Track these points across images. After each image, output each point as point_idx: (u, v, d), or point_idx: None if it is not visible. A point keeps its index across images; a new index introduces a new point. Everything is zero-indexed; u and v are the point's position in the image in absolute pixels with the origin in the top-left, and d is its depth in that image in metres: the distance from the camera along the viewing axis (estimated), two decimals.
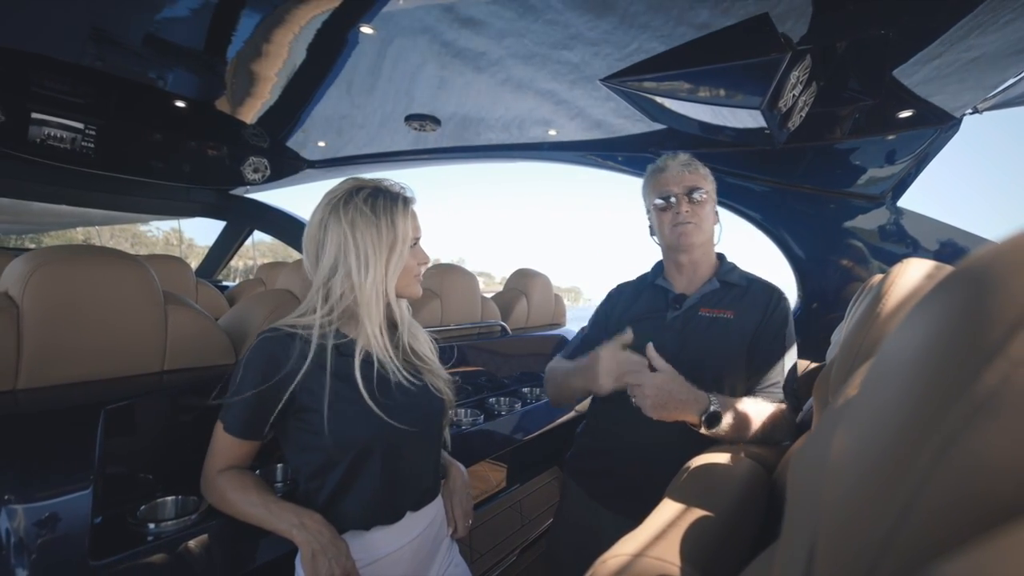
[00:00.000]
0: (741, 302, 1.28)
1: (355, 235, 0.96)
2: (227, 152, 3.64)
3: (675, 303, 1.32)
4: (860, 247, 2.55)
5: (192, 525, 0.99)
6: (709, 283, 1.32)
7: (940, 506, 0.20)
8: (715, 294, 1.31)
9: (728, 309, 1.27)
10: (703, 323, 1.27)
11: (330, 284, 0.98)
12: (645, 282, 1.44)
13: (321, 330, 0.97)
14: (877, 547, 0.22)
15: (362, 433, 0.96)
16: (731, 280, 1.32)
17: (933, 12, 1.53)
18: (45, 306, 1.03)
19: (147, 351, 1.18)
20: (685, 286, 1.35)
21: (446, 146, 3.57)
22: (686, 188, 1.29)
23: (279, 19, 2.05)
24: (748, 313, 1.26)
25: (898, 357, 0.27)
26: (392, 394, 1.00)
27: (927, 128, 2.21)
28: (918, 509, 0.21)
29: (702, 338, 1.25)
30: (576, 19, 1.77)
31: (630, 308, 1.39)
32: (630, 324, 1.25)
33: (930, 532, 0.21)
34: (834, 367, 0.77)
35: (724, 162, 2.77)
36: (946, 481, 0.20)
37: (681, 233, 1.28)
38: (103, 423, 0.98)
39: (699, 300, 1.30)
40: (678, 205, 1.29)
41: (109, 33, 2.32)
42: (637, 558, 0.68)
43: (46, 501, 0.88)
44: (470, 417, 1.85)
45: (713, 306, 1.29)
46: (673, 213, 1.29)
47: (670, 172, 1.31)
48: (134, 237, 23.23)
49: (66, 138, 2.96)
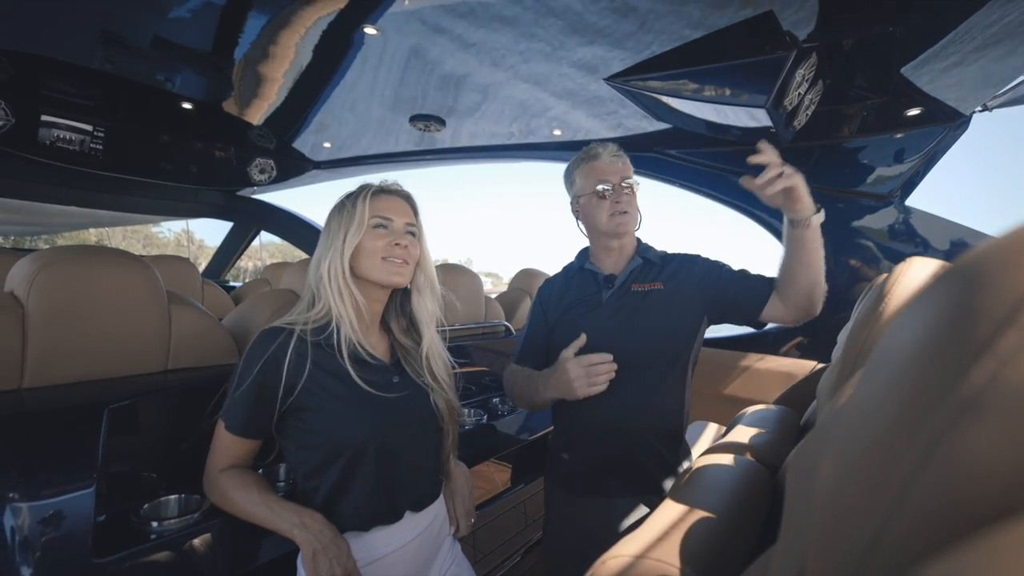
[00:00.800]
0: (664, 273, 1.36)
1: (327, 228, 1.05)
2: (234, 153, 3.66)
3: (607, 283, 1.38)
4: (868, 247, 2.52)
5: (194, 524, 1.00)
6: (633, 260, 1.39)
7: (927, 507, 0.20)
8: (640, 270, 1.38)
9: (656, 281, 1.35)
10: (637, 297, 1.33)
11: (315, 278, 1.03)
12: (572, 270, 1.49)
13: (314, 324, 0.99)
14: (864, 548, 0.22)
15: (356, 432, 0.96)
16: (650, 257, 1.40)
17: (942, 9, 1.52)
18: (50, 306, 1.04)
19: (150, 351, 1.19)
20: (612, 267, 1.41)
21: (451, 146, 3.57)
22: (622, 178, 1.34)
23: (285, 21, 2.07)
24: (675, 281, 1.34)
25: (889, 357, 0.26)
26: (391, 393, 1.01)
27: (936, 126, 2.18)
28: (905, 510, 0.21)
29: (640, 311, 1.31)
30: (582, 19, 1.77)
31: (563, 297, 1.43)
32: (566, 311, 1.35)
33: (917, 533, 0.20)
34: (836, 368, 0.76)
35: (728, 161, 2.76)
36: (932, 482, 0.20)
37: (620, 223, 1.33)
38: (107, 422, 0.99)
39: (628, 277, 1.37)
40: (617, 194, 1.34)
41: (117, 36, 2.35)
42: (637, 559, 0.67)
43: (50, 499, 0.88)
44: (474, 417, 1.85)
45: (642, 281, 1.36)
46: (612, 202, 1.34)
47: (604, 162, 1.36)
48: (146, 238, 23.54)
49: (75, 140, 2.99)
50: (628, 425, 1.30)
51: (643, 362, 1.28)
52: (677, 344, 1.33)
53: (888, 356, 0.27)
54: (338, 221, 1.04)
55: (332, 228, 1.05)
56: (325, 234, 1.05)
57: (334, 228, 1.04)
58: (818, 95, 1.97)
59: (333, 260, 1.02)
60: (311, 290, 1.04)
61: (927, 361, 0.22)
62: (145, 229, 24.06)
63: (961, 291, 0.22)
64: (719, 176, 2.82)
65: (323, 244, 1.05)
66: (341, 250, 1.02)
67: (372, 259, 1.03)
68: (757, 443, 1.21)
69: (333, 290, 1.01)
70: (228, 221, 4.98)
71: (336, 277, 1.02)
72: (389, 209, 1.06)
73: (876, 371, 0.28)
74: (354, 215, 1.03)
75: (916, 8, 1.54)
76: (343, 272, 1.02)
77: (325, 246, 1.04)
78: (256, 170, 3.79)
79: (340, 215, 1.05)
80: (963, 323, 0.21)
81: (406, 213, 1.08)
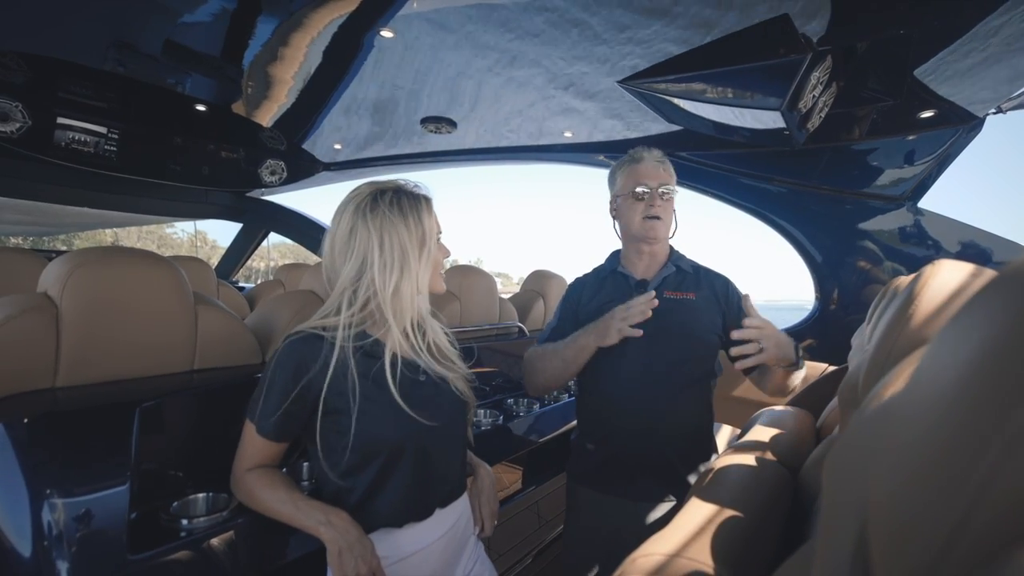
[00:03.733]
0: (698, 286, 1.38)
1: (384, 236, 0.97)
2: (244, 155, 3.69)
3: (639, 288, 1.39)
4: (879, 249, 2.52)
5: (223, 522, 1.01)
6: (666, 267, 1.40)
7: (1009, 500, 0.21)
8: (673, 278, 1.39)
9: (689, 291, 1.37)
10: (670, 304, 1.34)
11: (357, 286, 0.99)
12: (604, 272, 1.51)
13: (346, 331, 0.98)
14: (946, 537, 0.23)
15: (393, 433, 0.97)
16: (682, 266, 1.42)
17: (956, 12, 1.52)
18: (82, 306, 1.06)
19: (178, 350, 1.20)
20: (644, 271, 1.43)
21: (462, 148, 3.58)
22: (659, 183, 1.36)
23: (296, 23, 2.08)
24: (706, 296, 1.37)
25: (952, 358, 0.27)
26: (420, 392, 1.02)
27: (949, 128, 2.18)
28: (986, 503, 0.22)
29: (672, 319, 1.32)
30: (596, 21, 1.78)
31: (595, 296, 1.45)
32: (598, 310, 1.37)
33: (1001, 523, 0.21)
34: (863, 370, 0.77)
35: (739, 163, 2.76)
36: (1014, 473, 0.21)
37: (650, 227, 1.36)
38: (138, 421, 1.01)
39: (661, 283, 1.38)
40: (652, 199, 1.35)
41: (131, 39, 2.38)
42: (672, 558, 0.68)
43: (86, 496, 0.90)
44: (489, 418, 1.86)
45: (675, 289, 1.38)
46: (646, 206, 1.36)
47: (647, 165, 1.38)
48: (160, 240, 23.73)
49: (90, 142, 3.02)
50: (657, 427, 1.32)
51: (673, 368, 1.31)
52: (705, 352, 1.36)
53: (951, 357, 0.28)
54: (404, 235, 0.98)
55: (397, 242, 0.97)
56: (380, 245, 0.97)
57: (399, 241, 0.97)
58: (832, 97, 1.97)
59: (408, 278, 0.98)
60: (347, 295, 0.99)
61: (1003, 361, 0.23)
62: (159, 230, 24.27)
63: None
64: (729, 178, 2.82)
65: (385, 257, 0.97)
66: (419, 268, 0.99)
67: (434, 272, 1.04)
68: (776, 444, 1.21)
69: (402, 306, 0.99)
70: (238, 222, 5.01)
71: (412, 295, 1.00)
72: (439, 222, 1.06)
73: (939, 372, 0.29)
74: (423, 230, 1.00)
75: (929, 11, 1.55)
76: (416, 294, 1.00)
77: (389, 261, 0.97)
78: (267, 171, 3.82)
79: (406, 229, 0.98)
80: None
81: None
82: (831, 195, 2.64)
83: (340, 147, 3.72)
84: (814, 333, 2.74)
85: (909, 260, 2.42)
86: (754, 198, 2.83)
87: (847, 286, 2.63)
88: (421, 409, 0.99)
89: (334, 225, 1.02)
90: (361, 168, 4.04)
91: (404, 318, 1.01)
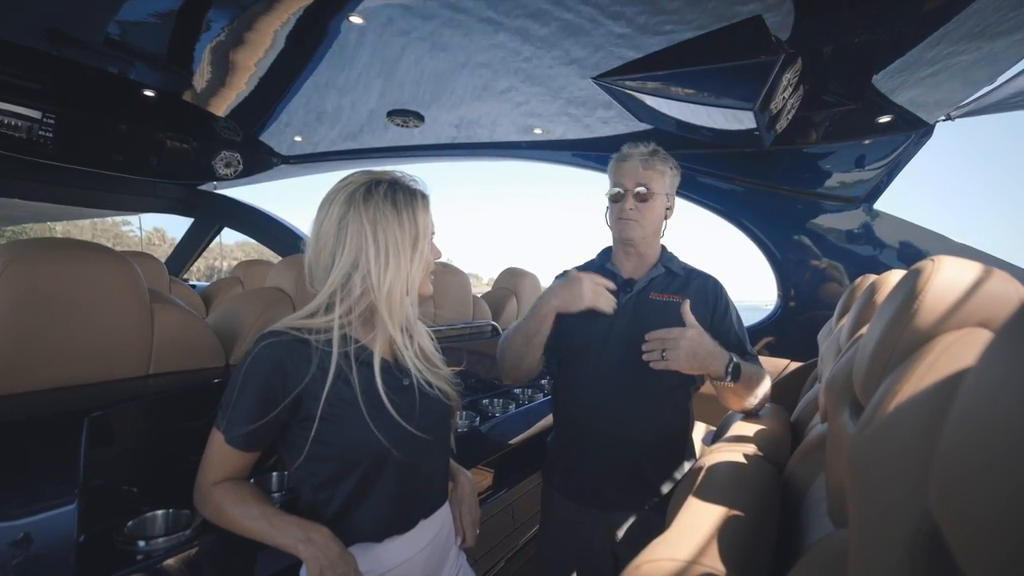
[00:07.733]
0: (686, 289, 1.36)
1: (377, 231, 0.90)
2: (197, 145, 3.48)
3: (626, 287, 1.38)
4: (836, 249, 2.62)
5: (185, 541, 0.93)
6: (655, 268, 1.39)
7: None
8: (662, 279, 1.37)
9: (676, 294, 1.35)
10: (655, 306, 1.33)
11: (349, 284, 0.91)
12: (593, 267, 1.47)
13: (335, 333, 0.90)
14: None
15: (379, 442, 0.90)
16: (673, 268, 1.40)
17: (916, 20, 1.58)
18: (19, 305, 0.94)
19: (132, 353, 1.09)
20: (632, 271, 1.41)
21: (430, 143, 3.50)
22: (636, 184, 1.34)
23: (263, 6, 1.96)
24: (694, 300, 1.33)
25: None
26: (407, 398, 0.96)
27: (902, 134, 2.29)
28: None
29: (656, 321, 1.28)
30: (570, 17, 1.76)
31: None
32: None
33: None
34: (864, 367, 0.77)
35: (703, 163, 2.81)
36: None
37: (622, 228, 1.35)
38: (87, 432, 0.91)
39: (648, 284, 1.37)
40: (625, 200, 1.34)
41: (72, 16, 2.18)
42: (685, 564, 0.66)
43: (26, 519, 0.80)
44: (465, 419, 1.81)
45: (661, 291, 1.36)
46: (620, 207, 1.35)
47: (628, 164, 1.35)
48: (116, 237, 22.38)
49: (22, 127, 2.78)
50: (633, 433, 1.29)
51: (649, 373, 1.24)
52: None
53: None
54: (397, 232, 0.91)
55: (390, 238, 0.90)
56: (372, 240, 0.90)
57: (392, 238, 0.91)
58: (799, 100, 2.02)
59: (400, 278, 0.92)
60: (340, 293, 0.92)
61: None
62: (116, 228, 22.90)
63: None
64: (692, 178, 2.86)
65: (377, 253, 0.90)
66: (410, 268, 0.93)
67: (425, 273, 0.98)
68: (760, 440, 1.22)
69: (392, 308, 0.92)
70: (188, 217, 4.74)
71: (403, 296, 0.93)
72: (433, 222, 1.00)
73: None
74: (417, 228, 0.93)
75: (885, 20, 1.60)
76: (405, 295, 0.94)
77: (382, 258, 0.90)
78: (221, 164, 3.62)
79: (399, 226, 0.91)
80: None
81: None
82: (792, 196, 2.73)
83: (300, 139, 3.57)
84: (776, 331, 2.83)
85: (866, 260, 2.52)
86: (717, 197, 2.89)
87: (808, 284, 2.73)
88: (409, 416, 0.93)
89: (321, 215, 0.93)
90: (323, 162, 3.90)
91: (396, 319, 0.94)
